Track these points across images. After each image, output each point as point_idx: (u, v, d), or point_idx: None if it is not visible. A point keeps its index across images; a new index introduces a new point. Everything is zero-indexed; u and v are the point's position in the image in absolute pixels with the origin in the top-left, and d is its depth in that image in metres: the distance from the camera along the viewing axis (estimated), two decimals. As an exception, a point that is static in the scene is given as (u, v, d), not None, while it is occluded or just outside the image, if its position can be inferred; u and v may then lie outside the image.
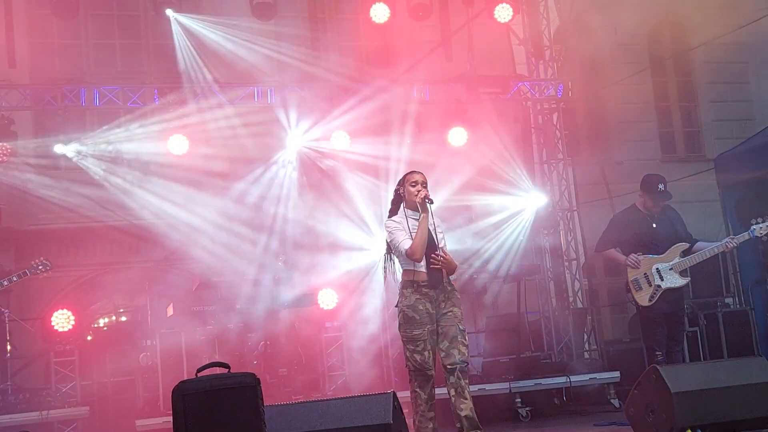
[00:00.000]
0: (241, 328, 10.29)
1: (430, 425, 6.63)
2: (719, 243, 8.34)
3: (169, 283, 12.13)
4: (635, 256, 8.39)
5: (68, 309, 10.21)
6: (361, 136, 11.87)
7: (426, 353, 6.60)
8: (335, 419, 6.06)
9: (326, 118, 11.65)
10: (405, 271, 6.74)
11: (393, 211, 6.90)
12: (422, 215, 6.66)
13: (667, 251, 8.37)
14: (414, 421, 6.66)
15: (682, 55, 16.94)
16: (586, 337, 12.38)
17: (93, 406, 9.99)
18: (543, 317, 12.00)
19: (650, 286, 8.36)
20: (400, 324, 6.72)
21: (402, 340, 6.72)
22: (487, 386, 9.51)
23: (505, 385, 9.99)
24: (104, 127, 11.63)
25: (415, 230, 6.64)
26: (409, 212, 6.80)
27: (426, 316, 6.62)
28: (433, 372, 6.65)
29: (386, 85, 11.73)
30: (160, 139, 11.25)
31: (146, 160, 12.01)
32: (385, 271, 6.95)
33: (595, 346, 12.28)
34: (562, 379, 10.37)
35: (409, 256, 6.62)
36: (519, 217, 12.58)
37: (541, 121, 12.94)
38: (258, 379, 5.11)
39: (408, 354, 6.66)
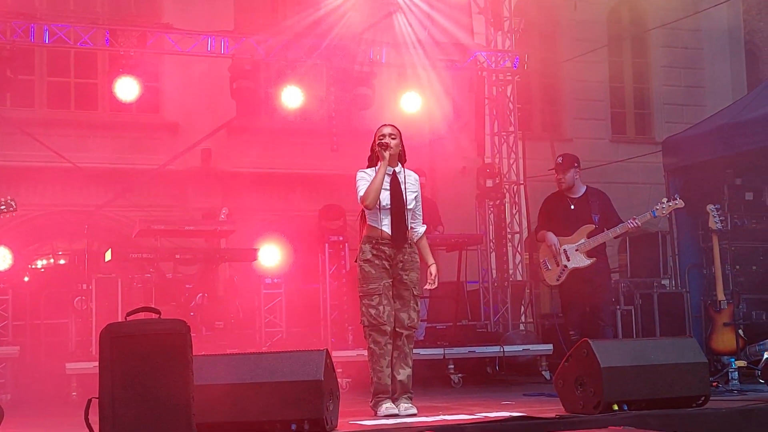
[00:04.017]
0: (180, 278, 10.19)
1: (388, 381, 6.55)
2: (622, 223, 8.48)
3: (109, 228, 11.99)
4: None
5: (6, 246, 10.03)
6: (314, 94, 11.77)
7: (381, 308, 6.49)
8: (266, 373, 6.00)
9: (281, 72, 11.49)
10: (368, 227, 6.64)
11: (368, 166, 6.75)
12: (380, 163, 6.54)
13: (575, 232, 8.52)
14: (371, 378, 6.60)
15: (639, 37, 17.05)
16: (522, 309, 12.49)
17: (24, 347, 9.84)
18: (482, 287, 12.06)
19: (558, 266, 8.59)
20: (359, 280, 6.63)
21: (359, 296, 6.63)
22: (422, 351, 9.52)
23: (440, 350, 10.04)
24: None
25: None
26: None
27: (383, 270, 6.54)
28: (388, 327, 6.52)
29: (344, 44, 11.60)
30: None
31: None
32: (360, 228, 6.82)
33: (531, 319, 12.40)
34: (496, 349, 10.44)
35: (360, 202, 6.53)
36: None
37: (495, 93, 12.92)
38: (188, 327, 5.03)
39: (363, 309, 6.56)
